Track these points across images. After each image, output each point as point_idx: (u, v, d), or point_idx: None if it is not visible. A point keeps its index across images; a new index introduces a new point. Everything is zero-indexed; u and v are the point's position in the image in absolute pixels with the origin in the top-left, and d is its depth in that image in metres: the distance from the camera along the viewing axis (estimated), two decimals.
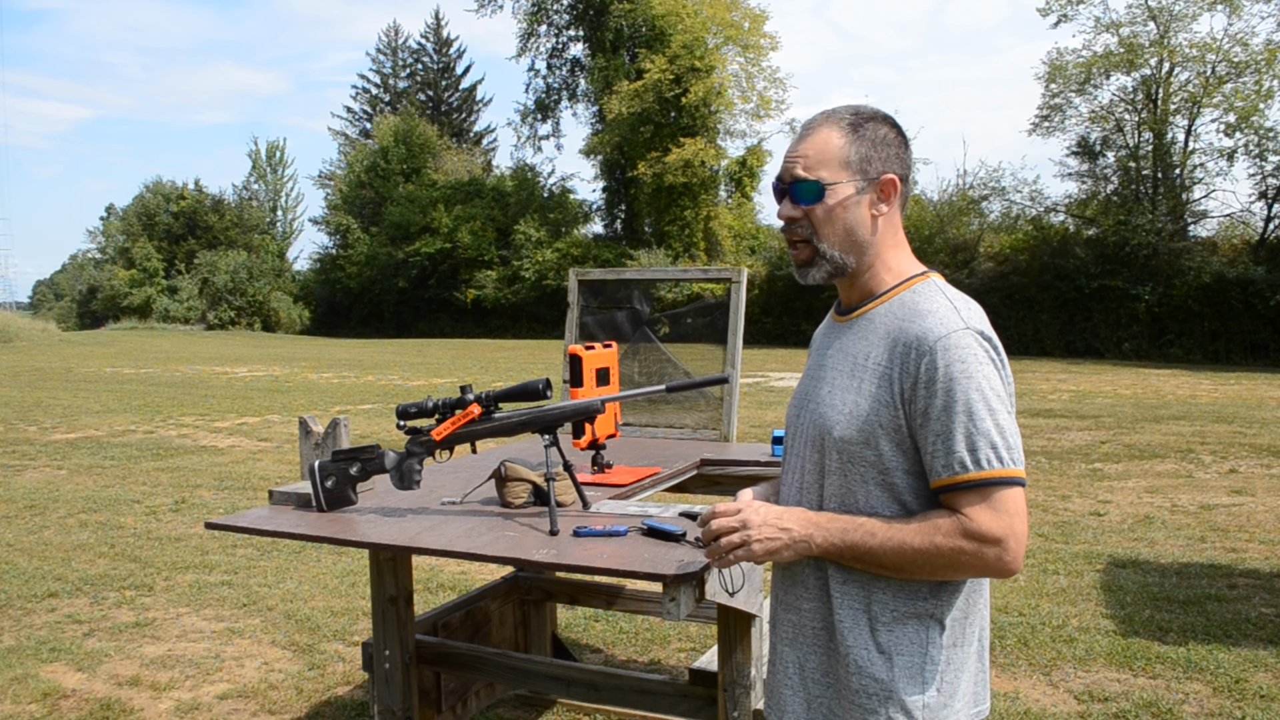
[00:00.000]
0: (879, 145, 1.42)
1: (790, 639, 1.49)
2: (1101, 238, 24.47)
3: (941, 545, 1.30)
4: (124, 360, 22.40)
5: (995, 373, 1.34)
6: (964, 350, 1.32)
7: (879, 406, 1.36)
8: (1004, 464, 1.30)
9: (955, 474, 1.31)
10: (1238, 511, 6.36)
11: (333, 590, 4.89)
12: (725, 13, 32.89)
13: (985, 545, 1.29)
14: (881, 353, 1.39)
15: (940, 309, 1.37)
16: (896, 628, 1.38)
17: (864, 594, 1.39)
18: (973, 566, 1.32)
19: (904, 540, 1.32)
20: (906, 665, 1.37)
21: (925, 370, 1.32)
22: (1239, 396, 13.53)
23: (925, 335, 1.34)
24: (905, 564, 1.33)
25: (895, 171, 1.43)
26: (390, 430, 9.99)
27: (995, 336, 1.38)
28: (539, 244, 35.41)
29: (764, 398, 13.22)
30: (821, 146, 1.42)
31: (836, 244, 1.43)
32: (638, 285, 3.65)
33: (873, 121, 1.44)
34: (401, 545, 2.06)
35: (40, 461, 8.71)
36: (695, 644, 4.14)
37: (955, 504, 1.32)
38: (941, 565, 1.32)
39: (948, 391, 1.31)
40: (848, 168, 1.41)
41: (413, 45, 51.14)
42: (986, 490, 1.30)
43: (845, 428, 1.39)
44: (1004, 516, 1.30)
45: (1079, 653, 3.91)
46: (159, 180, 46.84)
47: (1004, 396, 1.34)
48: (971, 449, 1.30)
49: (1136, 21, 25.08)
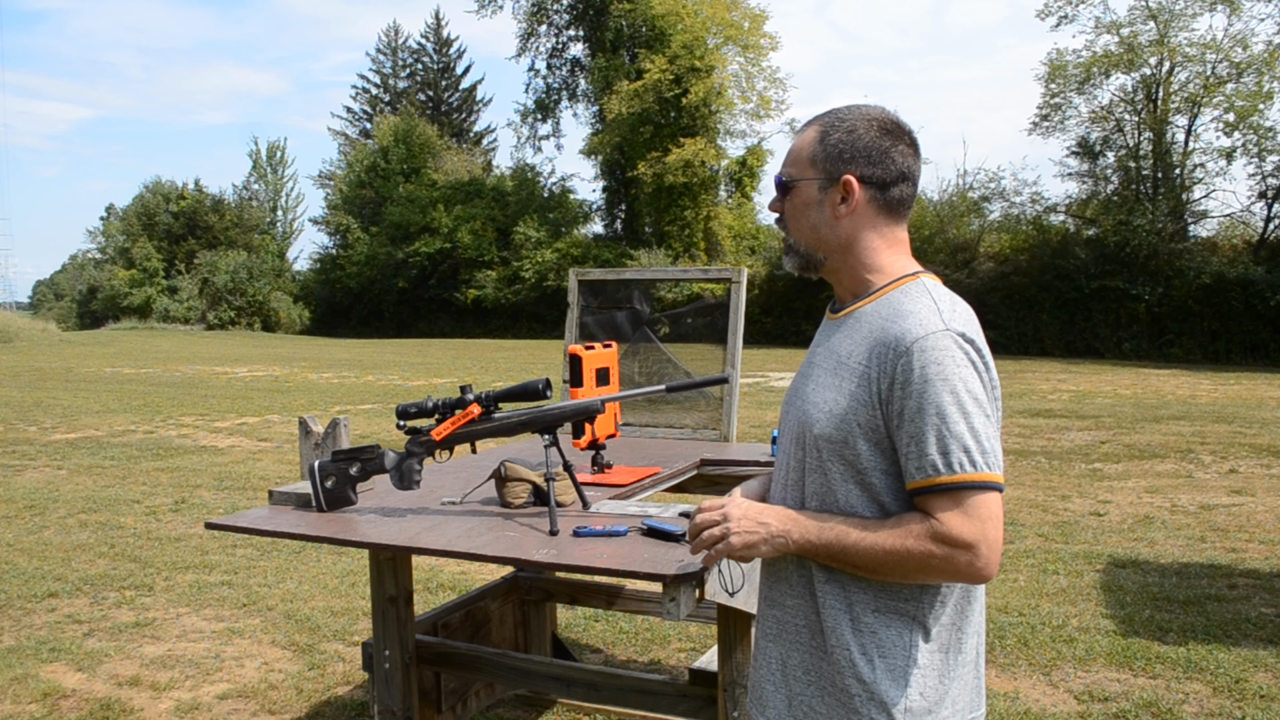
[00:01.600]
0: (847, 147, 1.42)
1: (774, 635, 1.49)
2: (1101, 238, 24.47)
3: (912, 548, 1.30)
4: (124, 360, 22.40)
5: (974, 375, 1.33)
6: (940, 352, 1.31)
7: (857, 406, 1.36)
8: (976, 468, 1.29)
9: (927, 476, 1.31)
10: (1238, 511, 6.36)
11: (333, 590, 4.89)
12: (725, 13, 32.88)
13: (955, 550, 1.28)
14: (863, 352, 1.38)
15: (922, 310, 1.36)
16: (879, 629, 1.37)
17: (844, 593, 1.39)
18: (943, 570, 1.31)
19: (876, 541, 1.32)
20: (889, 667, 1.37)
21: (901, 370, 1.32)
22: (1239, 396, 13.53)
23: (904, 336, 1.33)
24: (878, 565, 1.33)
25: (857, 172, 1.42)
26: (390, 430, 9.99)
27: (980, 339, 1.37)
28: (539, 244, 35.40)
29: (764, 398, 13.22)
30: (797, 146, 1.48)
31: (803, 239, 1.48)
32: (638, 285, 3.65)
33: (851, 123, 1.43)
34: (401, 545, 2.06)
35: (40, 461, 8.71)
36: (695, 644, 4.14)
37: (927, 507, 1.32)
38: (912, 568, 1.32)
39: (922, 393, 1.30)
40: (812, 166, 1.44)
41: (413, 45, 51.19)
42: (959, 494, 1.29)
43: (824, 425, 1.39)
44: (976, 521, 1.28)
45: (1079, 653, 3.91)
46: (159, 180, 46.90)
47: (981, 400, 1.32)
48: (943, 451, 1.29)
49: (1136, 21, 25.09)
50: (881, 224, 1.45)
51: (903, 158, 1.44)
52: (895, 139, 1.43)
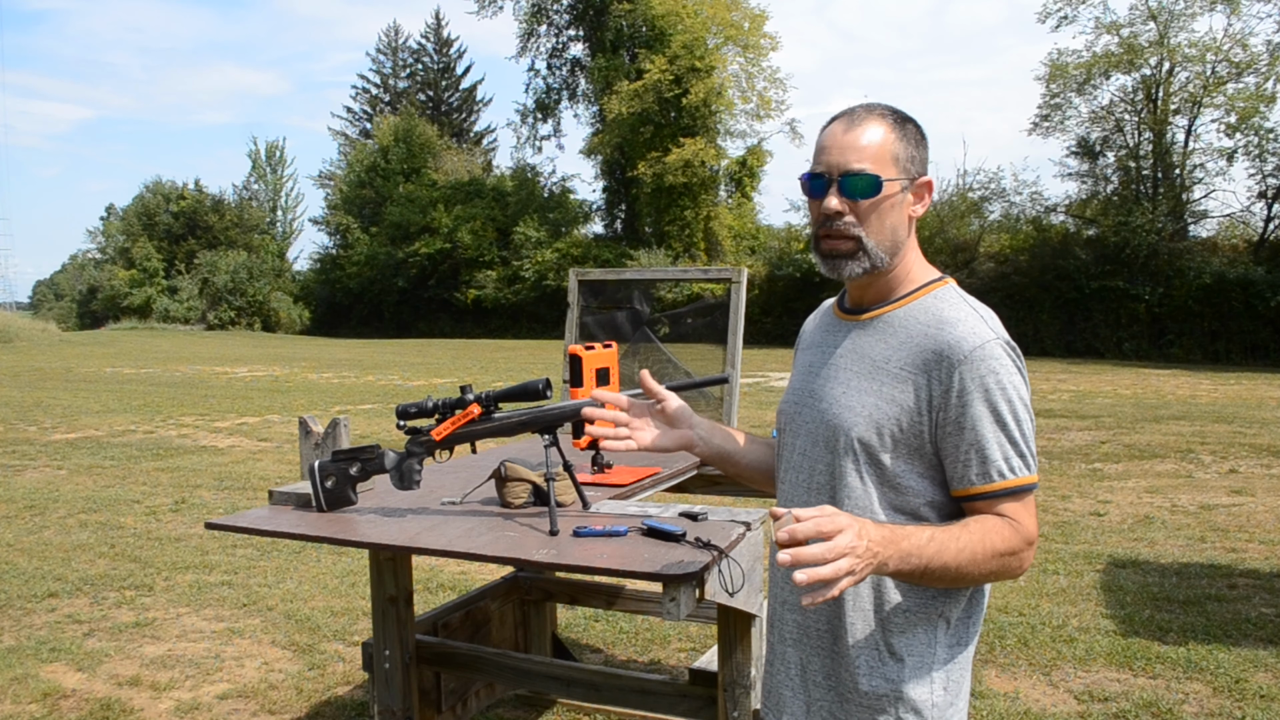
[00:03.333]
0: (920, 146, 1.43)
1: (795, 639, 1.48)
2: (1101, 238, 24.48)
3: (1000, 549, 1.33)
4: (124, 360, 22.40)
5: (1023, 381, 1.37)
6: (996, 361, 1.34)
7: (900, 411, 1.37)
8: (1030, 470, 1.36)
9: (992, 481, 1.34)
10: (1238, 511, 6.36)
11: (333, 590, 4.89)
12: (725, 13, 32.88)
13: (1030, 548, 1.36)
14: (905, 358, 1.39)
15: (968, 318, 1.38)
16: (908, 628, 1.39)
17: (876, 596, 1.40)
18: (1017, 569, 1.36)
19: (972, 550, 1.31)
20: (916, 665, 1.38)
21: (958, 381, 1.34)
22: (1239, 396, 13.53)
23: (958, 345, 1.35)
24: (964, 574, 1.32)
25: (928, 174, 1.45)
26: (390, 430, 9.99)
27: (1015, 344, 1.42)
28: (539, 244, 35.40)
29: (764, 398, 13.22)
30: (874, 143, 1.39)
31: (881, 240, 1.41)
32: (638, 285, 3.65)
33: (911, 122, 1.44)
34: (401, 545, 2.06)
35: (40, 461, 8.71)
36: (695, 644, 4.14)
37: (995, 509, 1.35)
38: (995, 569, 1.34)
39: (985, 401, 1.33)
40: (896, 165, 1.39)
41: (413, 45, 51.22)
42: (1023, 495, 1.36)
43: (864, 429, 1.39)
44: (1034, 519, 1.37)
45: (1079, 653, 3.91)
46: (159, 180, 46.94)
47: (1029, 404, 1.39)
48: (1006, 457, 1.34)
49: (1136, 22, 25.10)
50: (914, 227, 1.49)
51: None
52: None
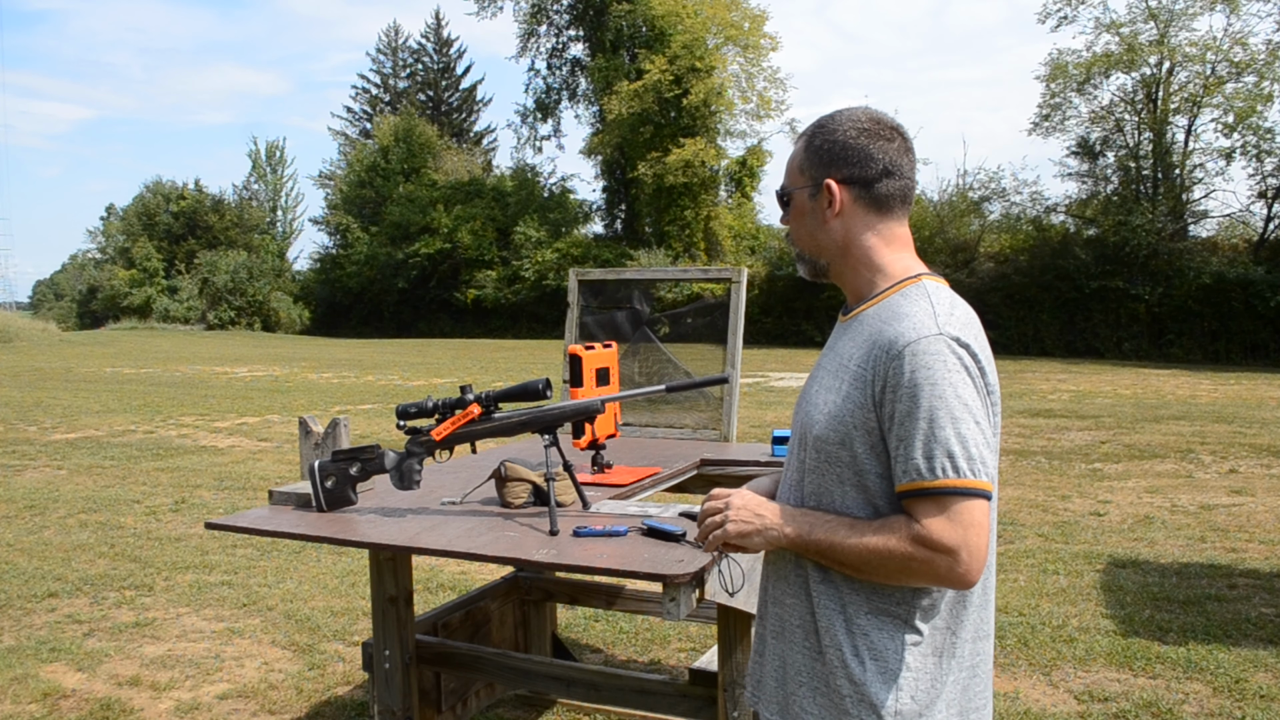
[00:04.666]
0: (827, 151, 1.45)
1: (776, 633, 1.51)
2: (1101, 238, 24.47)
3: (894, 549, 1.32)
4: (124, 360, 22.40)
5: (966, 380, 1.32)
6: (932, 356, 1.31)
7: (854, 408, 1.37)
8: (960, 474, 1.29)
9: (912, 480, 1.31)
10: (1238, 511, 6.36)
11: (333, 590, 4.89)
12: (725, 13, 32.88)
13: (936, 554, 1.29)
14: (861, 355, 1.39)
15: (918, 313, 1.36)
16: (871, 630, 1.38)
17: (838, 594, 1.41)
18: (924, 574, 1.32)
19: (863, 541, 1.34)
20: (880, 669, 1.37)
21: (894, 374, 1.33)
22: (1239, 396, 13.53)
23: (897, 339, 1.34)
24: (863, 564, 1.35)
25: (838, 175, 1.44)
26: (390, 430, 9.99)
27: (976, 344, 1.36)
28: (539, 244, 35.39)
29: (764, 398, 13.22)
30: (789, 158, 1.53)
31: (805, 247, 1.52)
32: (638, 285, 3.65)
33: (832, 127, 1.46)
34: (401, 545, 2.06)
35: (40, 461, 8.71)
36: (695, 644, 4.14)
37: (912, 510, 1.33)
38: (894, 570, 1.33)
39: (912, 396, 1.31)
40: (801, 174, 1.49)
41: (413, 45, 51.19)
42: (943, 500, 1.30)
43: (823, 427, 1.41)
44: (958, 528, 1.29)
45: (1079, 653, 3.91)
46: (159, 180, 46.90)
47: (972, 405, 1.32)
48: (928, 456, 1.30)
49: (1136, 21, 25.10)
50: (875, 222, 1.46)
51: (884, 153, 1.44)
52: (874, 136, 1.44)
